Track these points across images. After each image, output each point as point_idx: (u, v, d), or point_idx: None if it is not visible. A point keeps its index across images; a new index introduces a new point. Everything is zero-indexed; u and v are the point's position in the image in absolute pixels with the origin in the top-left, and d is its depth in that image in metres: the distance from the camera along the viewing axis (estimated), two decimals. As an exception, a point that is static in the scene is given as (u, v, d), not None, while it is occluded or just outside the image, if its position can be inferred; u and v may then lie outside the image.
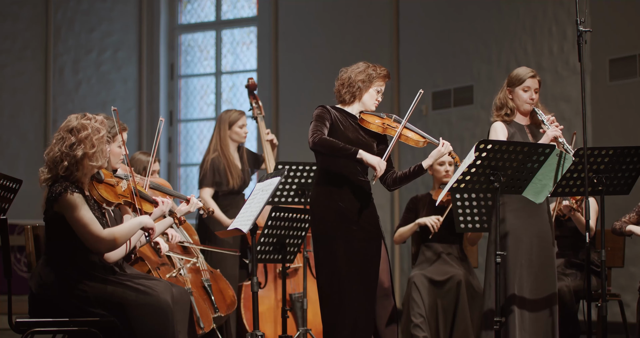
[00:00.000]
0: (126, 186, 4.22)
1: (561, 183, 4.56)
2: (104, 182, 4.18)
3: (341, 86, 4.74)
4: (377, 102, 4.76)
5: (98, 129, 4.10)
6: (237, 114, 6.35)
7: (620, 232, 5.43)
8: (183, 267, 5.35)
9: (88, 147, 4.05)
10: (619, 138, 7.31)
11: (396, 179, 4.70)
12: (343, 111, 4.73)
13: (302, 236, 5.21)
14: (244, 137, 6.36)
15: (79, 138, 4.05)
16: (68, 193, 4.00)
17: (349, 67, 4.76)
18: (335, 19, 9.42)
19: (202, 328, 5.17)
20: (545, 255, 4.90)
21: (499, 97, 5.05)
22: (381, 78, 4.71)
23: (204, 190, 6.24)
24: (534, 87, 4.96)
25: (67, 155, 4.03)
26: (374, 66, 4.72)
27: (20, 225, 8.50)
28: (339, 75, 4.76)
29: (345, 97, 4.73)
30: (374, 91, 4.72)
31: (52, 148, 4.09)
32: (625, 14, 7.49)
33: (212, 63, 10.40)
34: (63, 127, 4.10)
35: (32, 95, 10.11)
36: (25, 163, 9.78)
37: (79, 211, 4.00)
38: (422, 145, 4.68)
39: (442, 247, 6.12)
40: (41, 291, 4.07)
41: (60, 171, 4.04)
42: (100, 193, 4.13)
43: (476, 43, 8.46)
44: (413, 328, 5.82)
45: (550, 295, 4.90)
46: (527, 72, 4.99)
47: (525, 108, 4.98)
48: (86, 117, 4.13)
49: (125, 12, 10.41)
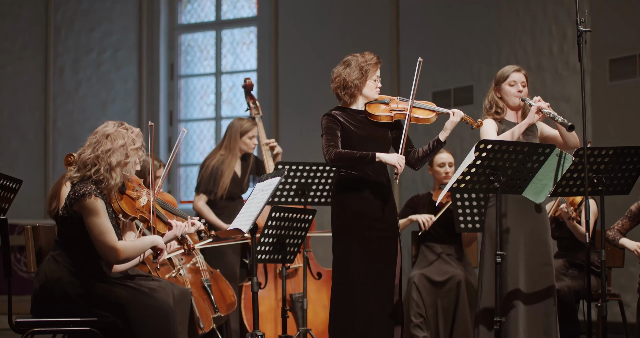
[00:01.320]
0: (145, 202, 4.21)
1: (561, 183, 4.56)
2: (126, 194, 4.18)
3: (338, 89, 4.73)
4: (379, 88, 4.74)
5: (134, 140, 4.13)
6: (249, 124, 6.36)
7: (613, 243, 5.45)
8: (183, 267, 5.35)
9: (122, 156, 4.06)
10: (619, 138, 7.31)
11: (418, 158, 4.71)
12: (348, 110, 4.72)
13: (302, 236, 5.21)
14: (253, 148, 6.40)
15: (115, 146, 4.06)
16: (92, 196, 4.00)
17: (338, 67, 4.73)
18: (335, 19, 9.42)
19: (202, 328, 5.17)
20: (541, 253, 4.90)
21: (487, 98, 5.06)
22: (374, 66, 4.69)
23: (199, 196, 6.28)
24: (520, 81, 4.98)
25: (102, 160, 4.04)
26: (363, 56, 4.69)
27: (20, 225, 8.50)
28: (332, 77, 4.74)
29: (345, 98, 4.73)
30: (371, 81, 4.71)
31: (84, 149, 4.10)
32: (625, 14, 7.49)
33: (212, 63, 10.40)
34: (100, 131, 4.11)
35: (32, 95, 10.11)
36: (25, 163, 9.79)
37: (100, 217, 4.01)
38: (434, 120, 4.65)
39: (441, 248, 6.13)
40: (46, 288, 4.07)
41: (92, 175, 4.04)
42: (120, 204, 4.13)
43: (476, 43, 8.46)
44: (413, 328, 5.82)
45: (548, 293, 4.90)
46: (510, 67, 5.04)
47: (514, 102, 4.99)
48: (124, 127, 4.15)
49: (125, 12, 10.41)
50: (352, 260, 4.61)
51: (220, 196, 6.26)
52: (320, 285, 6.26)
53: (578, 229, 5.58)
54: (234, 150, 6.30)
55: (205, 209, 6.25)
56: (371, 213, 4.63)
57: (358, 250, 4.61)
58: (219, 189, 6.24)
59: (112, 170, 4.04)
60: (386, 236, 4.65)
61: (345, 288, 4.62)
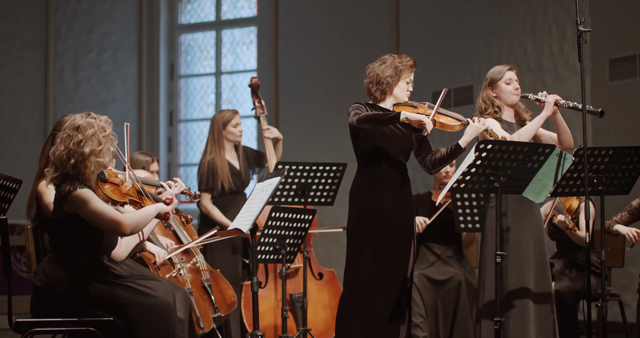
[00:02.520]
0: (131, 185, 4.22)
1: (561, 183, 4.56)
2: (109, 181, 4.18)
3: (370, 84, 4.73)
4: (409, 92, 4.75)
5: (104, 127, 4.11)
6: (230, 113, 6.34)
7: (608, 231, 5.44)
8: (183, 267, 5.35)
9: (95, 144, 4.05)
10: (619, 138, 7.31)
11: (435, 161, 4.70)
12: (376, 107, 4.73)
13: (302, 236, 5.21)
14: (239, 136, 6.35)
15: (86, 136, 4.05)
16: (77, 189, 3.99)
17: (374, 63, 4.75)
18: (335, 19, 9.42)
19: (202, 328, 5.17)
20: (539, 253, 4.91)
21: (481, 100, 5.05)
22: (408, 68, 4.70)
23: (203, 195, 6.25)
24: (514, 79, 5.01)
25: (75, 152, 4.03)
26: (400, 58, 4.71)
27: (20, 225, 8.50)
28: (366, 72, 4.76)
29: (376, 94, 4.73)
30: (404, 82, 4.71)
31: (57, 147, 4.09)
32: (625, 14, 7.49)
33: (212, 63, 10.40)
34: (68, 126, 4.10)
35: (32, 95, 10.10)
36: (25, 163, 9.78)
37: (92, 203, 3.99)
38: (458, 128, 4.65)
39: (441, 248, 6.13)
40: (45, 288, 4.06)
41: (68, 169, 4.04)
42: (106, 193, 4.12)
43: (476, 43, 8.46)
44: (413, 328, 5.82)
45: (548, 292, 4.90)
46: (503, 67, 5.07)
47: (512, 100, 5.00)
48: (91, 116, 4.15)
49: (125, 12, 10.41)
50: (364, 260, 4.61)
51: (222, 190, 6.25)
52: (322, 285, 6.26)
53: (578, 236, 5.58)
54: (220, 142, 6.29)
55: (212, 209, 6.23)
56: (387, 213, 4.63)
57: (370, 251, 4.61)
58: (218, 183, 6.23)
59: (87, 159, 4.04)
60: (400, 236, 4.64)
61: (354, 286, 4.62)
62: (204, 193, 6.24)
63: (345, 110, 4.72)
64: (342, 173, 5.75)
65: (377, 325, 4.58)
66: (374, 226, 4.62)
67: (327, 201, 5.83)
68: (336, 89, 9.17)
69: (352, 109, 4.65)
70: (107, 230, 4.04)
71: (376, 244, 4.61)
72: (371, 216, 4.63)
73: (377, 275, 4.59)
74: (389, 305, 4.60)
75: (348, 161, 6.03)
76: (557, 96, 4.83)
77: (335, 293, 6.17)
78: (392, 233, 4.62)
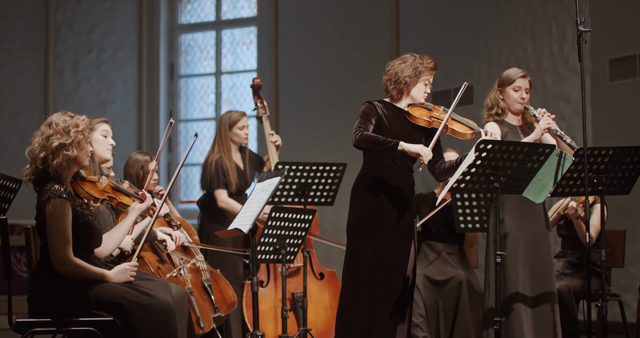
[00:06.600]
0: (106, 182, 4.26)
1: (561, 183, 4.57)
2: (87, 180, 4.23)
3: (388, 82, 4.73)
4: (426, 94, 4.74)
5: (77, 123, 4.13)
6: (237, 115, 6.36)
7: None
8: (183, 267, 5.35)
9: (64, 138, 4.06)
10: (619, 138, 7.31)
11: (444, 170, 4.69)
12: (391, 106, 4.72)
13: (302, 236, 5.21)
14: (245, 138, 6.37)
15: (57, 130, 4.08)
16: (56, 198, 3.99)
17: (395, 61, 4.74)
18: (335, 19, 9.42)
19: (202, 328, 5.17)
20: (542, 253, 4.91)
21: (490, 97, 5.10)
22: (428, 70, 4.70)
23: (219, 192, 6.24)
24: (524, 87, 5.02)
25: (44, 147, 4.06)
26: (421, 59, 4.70)
27: (20, 225, 8.50)
28: (385, 69, 4.75)
29: (392, 93, 4.73)
30: (422, 84, 4.71)
31: (32, 143, 4.12)
32: (625, 14, 7.49)
33: (212, 63, 10.40)
34: (44, 123, 4.15)
35: (32, 95, 10.10)
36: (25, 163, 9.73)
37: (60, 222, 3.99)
38: (470, 137, 4.65)
39: (442, 246, 6.13)
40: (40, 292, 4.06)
41: (38, 164, 4.06)
42: (86, 190, 4.18)
43: (476, 43, 8.46)
44: (413, 328, 5.82)
45: (550, 292, 4.91)
46: (517, 72, 5.05)
47: (516, 108, 5.03)
48: (67, 115, 4.17)
49: (125, 12, 10.40)
50: (365, 257, 4.62)
51: (231, 190, 6.27)
52: (323, 285, 6.26)
53: (582, 228, 5.57)
54: (227, 143, 6.30)
55: (232, 202, 6.23)
56: (389, 213, 4.63)
57: (372, 248, 4.61)
58: (232, 181, 6.24)
59: (54, 153, 4.05)
60: (402, 237, 4.64)
61: (354, 284, 4.62)
62: (218, 189, 6.25)
63: (345, 110, 4.74)
64: (342, 173, 5.75)
65: (377, 324, 4.58)
66: (376, 224, 4.62)
67: (327, 201, 5.83)
68: (336, 89, 9.17)
69: (359, 115, 4.65)
70: (52, 253, 3.99)
71: (377, 243, 4.61)
72: (373, 215, 4.63)
73: (378, 274, 4.59)
74: (389, 304, 4.60)
75: (348, 161, 6.04)
76: (550, 121, 4.83)
77: (336, 294, 6.17)
78: (393, 232, 4.62)
